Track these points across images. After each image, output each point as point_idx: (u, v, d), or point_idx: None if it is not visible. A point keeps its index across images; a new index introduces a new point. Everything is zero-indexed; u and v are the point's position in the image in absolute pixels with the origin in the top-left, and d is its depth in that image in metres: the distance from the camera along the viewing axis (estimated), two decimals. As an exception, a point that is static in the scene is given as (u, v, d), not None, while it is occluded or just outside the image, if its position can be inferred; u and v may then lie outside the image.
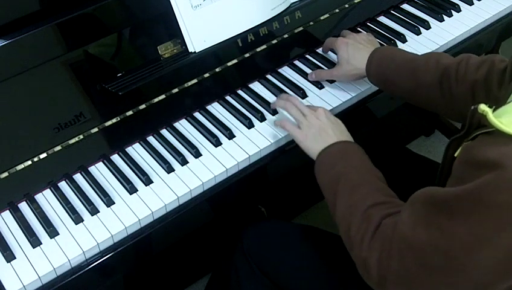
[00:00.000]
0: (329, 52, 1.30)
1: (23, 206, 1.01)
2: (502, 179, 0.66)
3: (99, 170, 1.07)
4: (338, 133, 1.02)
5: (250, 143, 1.10)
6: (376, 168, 0.95)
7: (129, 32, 1.09)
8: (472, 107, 0.76)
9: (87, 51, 1.04)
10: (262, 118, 1.14)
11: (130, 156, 1.08)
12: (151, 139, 1.12)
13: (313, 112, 1.05)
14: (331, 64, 1.26)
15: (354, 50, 1.15)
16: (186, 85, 1.14)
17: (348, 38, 1.19)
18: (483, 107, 0.73)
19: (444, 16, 1.39)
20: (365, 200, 0.87)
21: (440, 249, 0.72)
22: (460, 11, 1.41)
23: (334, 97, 1.19)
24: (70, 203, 1.00)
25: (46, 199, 1.02)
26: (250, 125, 1.14)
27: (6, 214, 1.00)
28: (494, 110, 0.74)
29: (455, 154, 0.81)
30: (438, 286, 0.75)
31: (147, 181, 1.03)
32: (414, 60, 1.09)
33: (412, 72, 1.06)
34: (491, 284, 0.72)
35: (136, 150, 1.10)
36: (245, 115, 1.15)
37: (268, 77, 1.25)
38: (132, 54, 1.12)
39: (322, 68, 1.25)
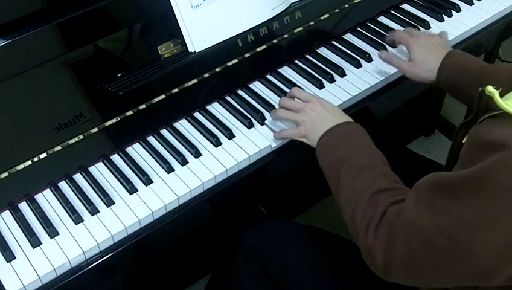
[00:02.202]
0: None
1: (23, 206, 1.01)
2: (508, 159, 0.66)
3: (99, 170, 1.07)
4: (337, 117, 1.01)
5: (250, 143, 1.10)
6: (379, 151, 0.94)
7: (129, 32, 1.09)
8: (480, 89, 0.76)
9: (87, 51, 1.04)
10: (262, 118, 1.14)
11: (130, 156, 1.08)
12: (151, 139, 1.12)
13: (306, 105, 1.05)
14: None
15: (430, 53, 1.15)
16: (186, 85, 1.14)
17: (421, 39, 1.18)
18: (490, 88, 0.74)
19: (444, 16, 1.39)
20: (371, 185, 0.86)
21: (445, 233, 0.72)
22: (460, 11, 1.41)
23: (334, 97, 1.18)
24: (70, 203, 1.00)
25: (46, 199, 1.02)
26: (250, 125, 1.14)
27: (6, 214, 1.00)
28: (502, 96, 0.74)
29: (463, 141, 0.81)
30: (442, 271, 0.75)
31: (147, 181, 1.03)
32: (485, 68, 1.08)
33: (480, 80, 1.03)
34: (495, 269, 0.71)
35: (136, 150, 1.10)
36: (245, 115, 1.15)
37: (268, 77, 1.25)
38: (132, 54, 1.12)
39: (322, 68, 1.25)
